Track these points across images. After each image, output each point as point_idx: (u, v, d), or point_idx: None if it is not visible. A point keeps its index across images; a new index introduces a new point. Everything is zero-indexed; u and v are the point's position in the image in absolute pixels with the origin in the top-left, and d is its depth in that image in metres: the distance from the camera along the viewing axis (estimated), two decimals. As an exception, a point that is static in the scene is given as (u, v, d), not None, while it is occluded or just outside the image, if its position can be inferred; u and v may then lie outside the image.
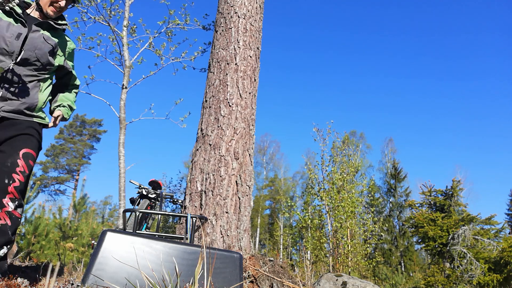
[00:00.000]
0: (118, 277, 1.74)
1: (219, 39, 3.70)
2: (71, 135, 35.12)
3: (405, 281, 15.98)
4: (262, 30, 3.96)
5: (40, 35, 2.30)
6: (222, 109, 3.36)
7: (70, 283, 1.49)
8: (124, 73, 6.76)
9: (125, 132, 6.46)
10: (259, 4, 3.90)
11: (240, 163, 3.23)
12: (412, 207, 13.57)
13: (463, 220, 11.45)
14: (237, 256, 2.07)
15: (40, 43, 2.28)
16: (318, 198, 11.65)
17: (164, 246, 1.90)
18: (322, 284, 3.15)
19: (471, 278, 10.43)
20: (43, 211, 8.54)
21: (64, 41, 2.48)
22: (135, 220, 2.74)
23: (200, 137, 3.38)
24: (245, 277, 2.65)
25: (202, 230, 2.89)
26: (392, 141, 32.14)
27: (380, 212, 27.91)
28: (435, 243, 11.61)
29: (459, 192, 12.46)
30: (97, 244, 1.83)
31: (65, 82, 2.58)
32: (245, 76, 3.54)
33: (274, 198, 32.08)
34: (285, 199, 25.30)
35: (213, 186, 3.09)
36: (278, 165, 33.37)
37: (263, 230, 31.55)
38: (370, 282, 3.17)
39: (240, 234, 3.04)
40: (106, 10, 6.90)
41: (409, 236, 23.98)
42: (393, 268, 21.39)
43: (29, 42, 2.23)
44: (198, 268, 1.31)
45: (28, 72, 2.23)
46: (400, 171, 28.59)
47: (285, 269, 2.93)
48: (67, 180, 33.60)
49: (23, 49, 2.20)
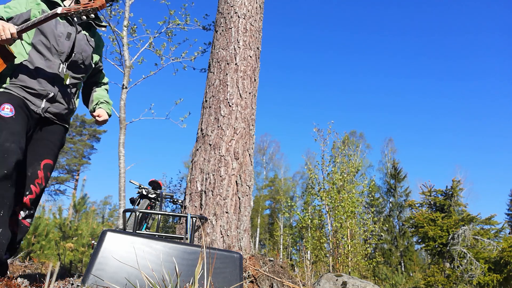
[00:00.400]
0: (118, 277, 1.74)
1: (219, 39, 3.70)
2: (71, 135, 35.12)
3: (405, 281, 15.98)
4: (262, 30, 3.96)
5: (83, 36, 2.19)
6: (222, 109, 3.36)
7: (70, 283, 1.49)
8: (124, 73, 6.76)
9: (125, 132, 6.47)
10: (259, 4, 3.90)
11: (240, 163, 3.23)
12: (412, 207, 13.58)
13: (463, 220, 11.45)
14: (237, 256, 2.07)
15: (85, 45, 2.18)
16: (318, 198, 11.65)
17: (164, 246, 1.90)
18: (322, 284, 3.15)
19: (471, 278, 10.43)
20: (43, 211, 8.54)
21: (98, 39, 2.36)
22: (135, 220, 2.74)
23: (200, 137, 3.38)
24: (245, 277, 2.65)
25: (202, 230, 2.89)
26: (392, 141, 32.17)
27: (380, 212, 27.91)
28: (435, 243, 11.61)
29: (459, 192, 12.47)
30: (97, 244, 1.83)
31: (94, 80, 2.47)
32: (245, 76, 3.54)
33: (274, 198, 32.08)
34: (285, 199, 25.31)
35: (213, 186, 3.10)
36: (278, 165, 33.40)
37: (263, 230, 31.55)
38: (370, 282, 3.17)
39: (240, 234, 3.04)
40: (107, 10, 6.90)
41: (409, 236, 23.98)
42: (393, 268, 21.39)
43: (77, 44, 2.13)
44: (198, 268, 1.31)
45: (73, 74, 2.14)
46: (400, 171, 28.59)
47: (285, 269, 2.93)
48: (67, 180, 33.62)
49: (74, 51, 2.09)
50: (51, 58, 2.03)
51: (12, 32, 1.80)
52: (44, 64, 2.00)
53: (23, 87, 1.95)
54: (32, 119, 1.99)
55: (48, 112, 2.04)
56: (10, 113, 1.85)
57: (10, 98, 1.90)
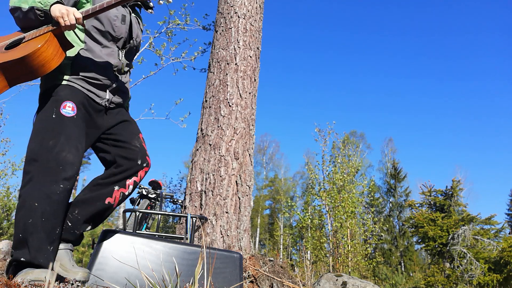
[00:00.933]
0: (118, 277, 1.74)
1: (219, 39, 3.70)
2: (71, 135, 35.21)
3: (405, 281, 15.98)
4: (262, 30, 3.96)
5: (135, 19, 1.97)
6: (222, 109, 3.36)
7: (70, 283, 1.49)
8: (124, 73, 6.76)
9: (125, 132, 6.46)
10: (259, 4, 3.90)
11: (240, 163, 3.23)
12: (412, 207, 13.59)
13: (463, 220, 11.46)
14: (237, 256, 2.07)
15: (137, 29, 1.97)
16: (318, 198, 11.66)
17: (164, 246, 1.90)
18: (322, 284, 3.15)
19: (471, 278, 10.44)
20: (43, 211, 8.53)
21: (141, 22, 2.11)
22: (135, 220, 2.75)
23: (200, 137, 3.38)
24: (245, 277, 2.65)
25: (202, 230, 2.89)
26: (392, 141, 32.17)
27: (380, 212, 27.91)
28: (435, 243, 11.62)
29: (459, 192, 12.48)
30: (97, 244, 1.84)
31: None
32: (245, 76, 3.54)
33: (274, 198, 32.08)
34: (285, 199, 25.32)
35: (213, 186, 3.10)
36: (278, 165, 33.40)
37: (263, 230, 31.55)
38: (370, 282, 3.17)
39: (240, 234, 3.04)
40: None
41: (409, 236, 23.98)
42: (393, 268, 21.39)
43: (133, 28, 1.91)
44: (198, 268, 1.31)
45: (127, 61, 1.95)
46: (400, 171, 28.59)
47: (285, 269, 2.93)
48: (67, 180, 33.67)
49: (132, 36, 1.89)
50: (108, 44, 1.83)
51: (77, 17, 1.60)
52: (103, 52, 1.81)
53: (86, 79, 1.75)
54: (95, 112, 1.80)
55: (112, 103, 1.86)
56: (72, 112, 1.66)
57: (73, 93, 1.71)
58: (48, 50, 1.56)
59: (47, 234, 1.53)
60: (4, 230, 8.57)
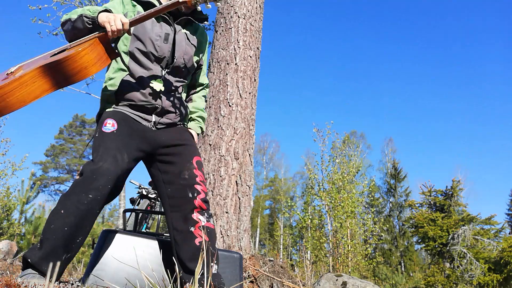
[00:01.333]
0: (118, 277, 1.74)
1: (219, 39, 3.70)
2: (71, 135, 35.13)
3: (405, 281, 15.98)
4: (262, 30, 3.96)
5: (183, 35, 1.92)
6: (222, 109, 3.36)
7: (70, 283, 1.49)
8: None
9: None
10: (259, 4, 3.90)
11: (240, 163, 3.23)
12: (412, 207, 13.58)
13: (463, 220, 11.45)
14: (237, 256, 2.07)
15: (186, 46, 1.92)
16: (318, 198, 11.66)
17: (164, 246, 1.90)
18: (322, 284, 3.15)
19: (471, 278, 10.44)
20: (43, 211, 8.54)
21: (201, 34, 2.05)
22: (135, 220, 2.74)
23: (200, 137, 3.39)
24: (245, 277, 2.65)
25: (202, 230, 2.89)
26: (392, 141, 32.16)
27: (380, 212, 27.91)
28: (435, 243, 11.62)
29: (459, 192, 12.47)
30: (97, 244, 1.84)
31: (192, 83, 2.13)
32: (245, 76, 3.54)
33: (274, 198, 32.08)
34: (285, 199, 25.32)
35: (213, 186, 3.10)
36: (278, 165, 33.40)
37: (263, 230, 31.55)
38: (370, 282, 3.17)
39: (240, 234, 3.04)
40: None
41: (409, 236, 23.97)
42: (393, 268, 21.39)
43: (177, 46, 1.87)
44: (198, 268, 1.31)
45: (175, 79, 1.91)
46: (400, 171, 28.58)
47: (285, 269, 2.93)
48: (67, 180, 33.62)
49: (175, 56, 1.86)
50: (151, 66, 1.82)
51: (124, 22, 1.60)
52: (146, 74, 1.81)
53: (130, 105, 1.80)
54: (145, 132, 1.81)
55: (161, 124, 1.85)
56: (112, 127, 1.71)
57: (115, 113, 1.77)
58: (90, 54, 1.56)
59: (65, 243, 1.54)
60: (4, 230, 8.58)
